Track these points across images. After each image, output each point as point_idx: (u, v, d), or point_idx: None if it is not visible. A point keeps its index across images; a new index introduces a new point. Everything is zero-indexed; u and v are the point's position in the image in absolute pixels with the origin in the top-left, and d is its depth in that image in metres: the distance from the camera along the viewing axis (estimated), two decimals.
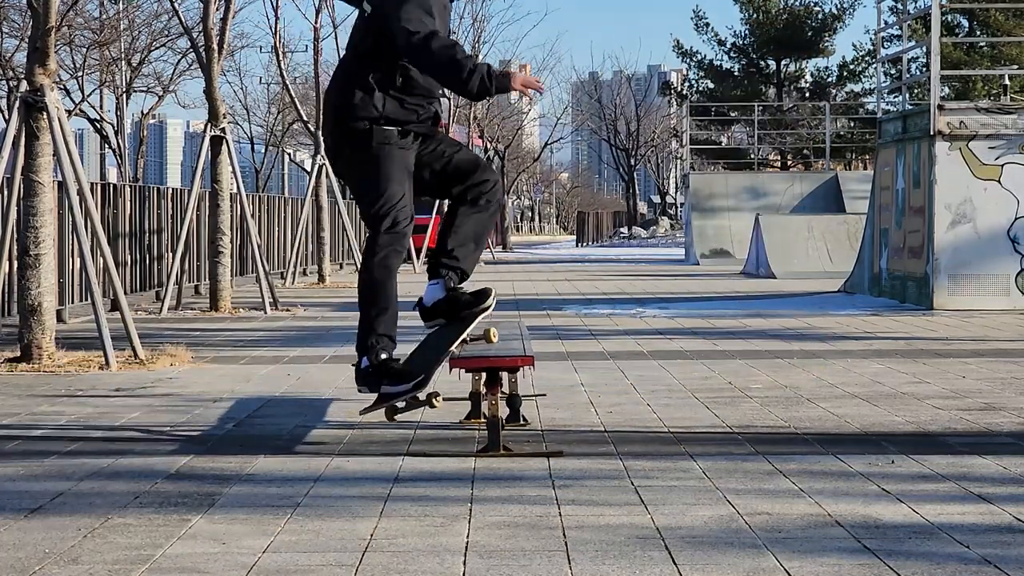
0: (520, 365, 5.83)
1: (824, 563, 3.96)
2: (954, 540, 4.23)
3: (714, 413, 6.97)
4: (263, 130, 62.60)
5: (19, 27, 32.98)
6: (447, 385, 8.05)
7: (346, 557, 4.05)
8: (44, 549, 4.16)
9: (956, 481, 5.17)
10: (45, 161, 9.24)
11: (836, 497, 4.88)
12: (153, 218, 16.61)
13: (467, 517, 4.57)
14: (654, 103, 76.09)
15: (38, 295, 9.20)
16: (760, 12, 54.02)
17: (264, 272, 14.96)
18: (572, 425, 6.61)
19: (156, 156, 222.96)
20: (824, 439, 6.16)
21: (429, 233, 30.24)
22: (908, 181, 15.28)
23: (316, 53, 22.21)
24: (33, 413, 7.12)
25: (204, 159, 14.74)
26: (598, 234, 63.36)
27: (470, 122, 37.45)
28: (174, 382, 8.45)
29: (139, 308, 14.59)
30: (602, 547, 4.15)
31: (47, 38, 9.13)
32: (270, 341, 11.33)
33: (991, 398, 7.51)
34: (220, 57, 14.73)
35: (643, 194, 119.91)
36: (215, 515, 4.62)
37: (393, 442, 6.12)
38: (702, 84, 56.25)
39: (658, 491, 4.99)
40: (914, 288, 14.90)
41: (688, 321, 13.12)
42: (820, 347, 10.47)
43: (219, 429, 6.59)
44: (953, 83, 44.11)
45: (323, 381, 8.45)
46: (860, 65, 53.84)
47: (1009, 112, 14.43)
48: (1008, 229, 14.26)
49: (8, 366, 9.05)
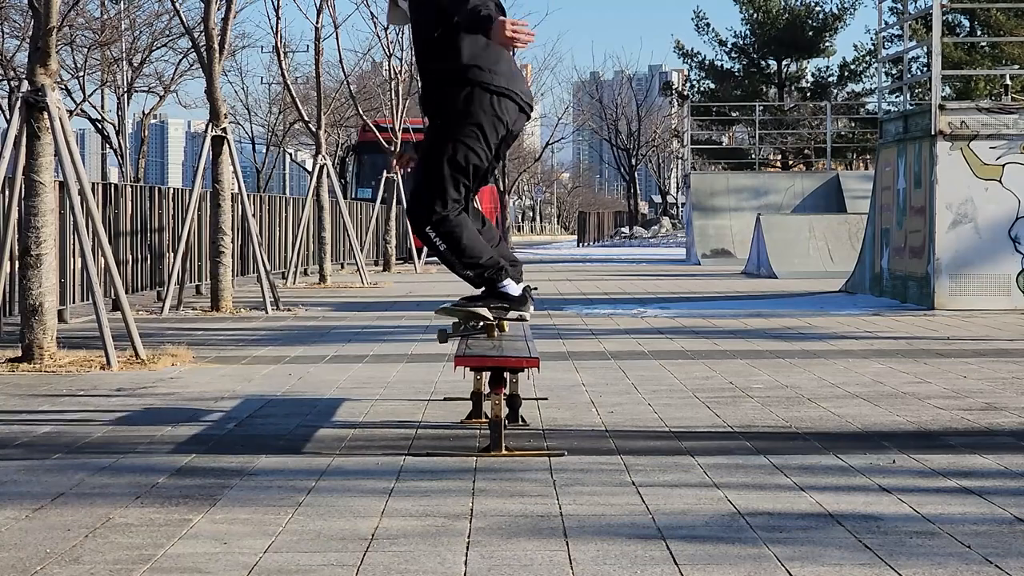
0: (525, 366, 5.82)
1: (825, 562, 3.96)
2: (955, 539, 4.23)
3: (715, 413, 6.97)
4: (264, 130, 62.64)
5: (20, 27, 33.00)
6: (448, 385, 8.06)
7: (347, 557, 4.05)
8: (45, 549, 4.16)
9: (957, 480, 5.17)
10: (46, 161, 9.24)
11: (837, 496, 4.88)
12: (154, 218, 16.61)
13: (468, 517, 4.58)
14: (655, 103, 76.10)
15: (39, 295, 9.20)
16: (761, 12, 54.03)
17: (265, 272, 14.96)
18: (573, 425, 6.61)
19: (157, 156, 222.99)
20: (825, 438, 6.16)
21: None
22: (909, 181, 15.28)
23: (317, 53, 22.20)
24: (34, 413, 7.12)
25: (205, 159, 14.75)
26: (599, 234, 63.35)
27: None
28: (175, 382, 8.45)
29: (140, 308, 14.59)
30: (603, 547, 4.15)
31: (48, 38, 9.14)
32: (271, 341, 11.33)
33: (992, 398, 7.51)
34: (221, 57, 14.73)
35: (644, 194, 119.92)
36: (216, 515, 4.62)
37: (395, 441, 6.12)
38: (703, 84, 56.27)
39: (659, 491, 4.99)
40: (915, 288, 14.90)
41: (689, 321, 13.12)
42: (821, 347, 10.47)
43: (220, 429, 6.59)
44: (954, 83, 44.12)
45: (324, 381, 8.45)
46: (861, 65, 53.86)
47: (1010, 112, 14.43)
48: (1009, 229, 14.26)
49: (9, 366, 9.06)
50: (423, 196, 6.06)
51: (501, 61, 6.01)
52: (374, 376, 8.66)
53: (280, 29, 20.86)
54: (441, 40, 5.99)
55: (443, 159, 6.00)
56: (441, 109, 6.04)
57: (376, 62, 50.69)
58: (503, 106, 6.00)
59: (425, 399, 7.53)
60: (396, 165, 6.78)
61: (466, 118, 5.97)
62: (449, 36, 5.97)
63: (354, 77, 42.34)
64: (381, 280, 22.15)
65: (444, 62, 6.00)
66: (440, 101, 6.04)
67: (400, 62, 28.96)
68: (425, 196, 6.05)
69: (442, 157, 6.01)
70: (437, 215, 6.03)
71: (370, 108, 44.45)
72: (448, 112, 6.01)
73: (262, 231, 21.00)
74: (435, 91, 6.07)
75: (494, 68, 5.98)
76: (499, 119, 6.01)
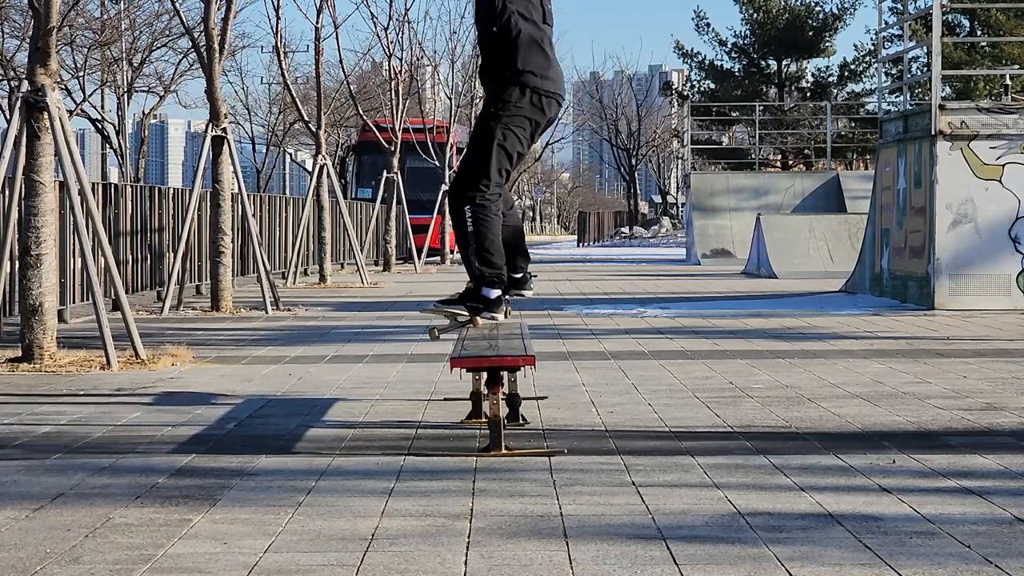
0: (521, 365, 5.83)
1: (825, 562, 3.96)
2: (955, 539, 4.23)
3: (715, 413, 6.98)
4: (264, 130, 62.65)
5: (20, 27, 33.00)
6: (448, 385, 8.06)
7: (347, 557, 4.05)
8: (45, 549, 4.16)
9: (957, 480, 5.17)
10: (46, 161, 9.24)
11: (837, 496, 4.88)
12: (154, 218, 16.61)
13: (468, 517, 4.58)
14: (655, 103, 76.12)
15: (39, 295, 9.20)
16: (761, 12, 54.04)
17: (265, 272, 14.96)
18: (573, 425, 6.61)
19: (157, 156, 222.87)
20: (825, 438, 6.16)
21: (430, 233, 30.30)
22: (909, 181, 15.28)
23: (317, 53, 22.20)
24: (34, 413, 7.12)
25: (205, 159, 14.75)
26: (599, 234, 63.35)
27: (471, 122, 37.47)
28: (175, 382, 8.45)
29: (140, 308, 14.59)
30: (603, 547, 4.16)
31: (48, 38, 9.14)
32: (271, 341, 11.33)
33: (992, 398, 7.51)
34: (221, 57, 14.73)
35: (644, 194, 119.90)
36: (216, 515, 4.62)
37: (394, 441, 6.12)
38: (703, 84, 56.28)
39: (659, 491, 4.99)
40: (915, 288, 14.90)
41: (689, 321, 13.13)
42: (821, 347, 10.47)
43: (220, 429, 6.59)
44: (954, 83, 44.13)
45: (324, 381, 8.45)
46: (861, 65, 53.87)
47: (1010, 112, 14.43)
48: (1009, 229, 14.26)
49: (9, 366, 9.06)
50: (470, 173, 6.80)
51: (551, 67, 6.86)
52: (374, 376, 8.66)
53: (280, 29, 20.86)
54: (500, 37, 6.77)
55: (493, 143, 6.76)
56: (497, 98, 6.81)
57: (376, 62, 50.76)
58: (548, 104, 6.86)
59: (425, 399, 7.53)
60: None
61: (517, 111, 6.80)
62: (506, 35, 6.77)
63: (354, 77, 42.37)
64: (381, 280, 22.16)
65: (502, 60, 6.78)
66: (497, 92, 6.81)
67: (400, 62, 28.96)
68: (472, 173, 6.78)
69: (492, 142, 6.77)
70: (480, 195, 6.72)
71: (370, 108, 44.47)
72: (502, 102, 6.79)
73: (262, 231, 21.01)
74: (493, 79, 6.81)
75: (545, 74, 6.83)
76: (543, 113, 6.85)
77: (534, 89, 6.78)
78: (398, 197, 27.21)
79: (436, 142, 31.22)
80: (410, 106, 32.02)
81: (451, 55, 34.39)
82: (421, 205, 31.98)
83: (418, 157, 31.31)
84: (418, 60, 32.27)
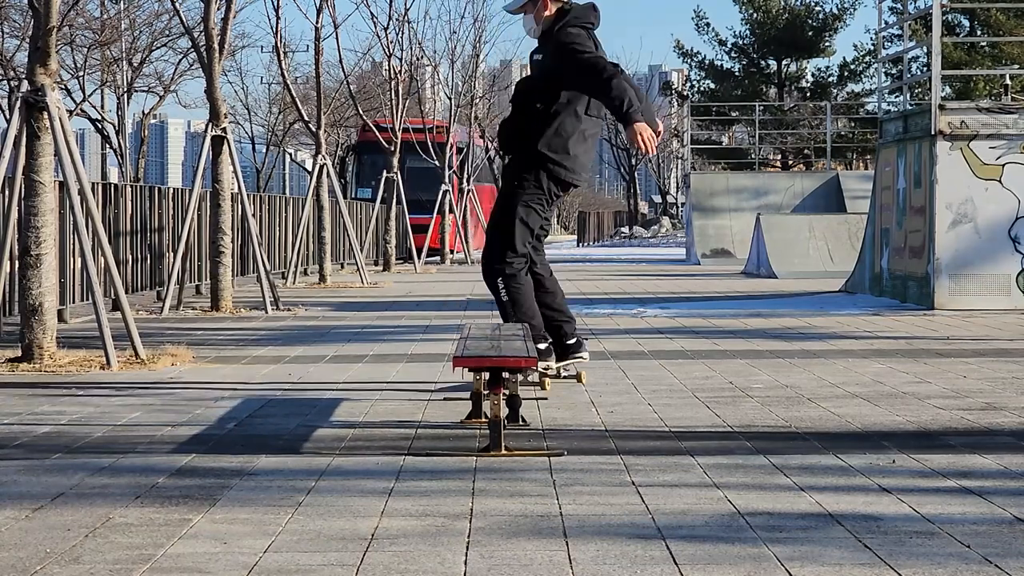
0: (524, 366, 5.84)
1: (825, 562, 3.96)
2: (955, 539, 4.23)
3: (715, 413, 6.98)
4: (264, 130, 62.67)
5: (20, 27, 33.01)
6: (448, 386, 8.06)
7: (347, 557, 4.05)
8: (45, 548, 4.16)
9: (957, 480, 5.17)
10: (46, 161, 9.24)
11: (837, 496, 4.88)
12: (154, 218, 16.61)
13: (468, 517, 4.58)
14: (655, 103, 76.09)
15: (39, 295, 9.20)
16: (761, 12, 54.06)
17: (265, 272, 14.96)
18: (573, 425, 6.61)
19: (157, 156, 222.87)
20: (825, 438, 6.16)
21: (430, 233, 30.30)
22: (909, 181, 15.28)
23: (317, 53, 22.19)
24: (34, 413, 7.12)
25: (205, 159, 14.75)
26: (599, 234, 63.34)
27: (471, 122, 37.43)
28: (175, 382, 8.45)
29: (140, 308, 14.59)
30: (603, 547, 4.16)
31: (48, 38, 9.14)
32: (271, 341, 11.33)
33: (992, 398, 7.51)
34: (221, 57, 14.73)
35: (644, 194, 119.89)
36: (216, 514, 4.62)
37: (394, 441, 6.12)
38: (703, 84, 56.32)
39: (659, 491, 4.99)
40: (915, 288, 14.90)
41: (689, 321, 13.13)
42: (821, 347, 10.47)
43: (220, 429, 6.59)
44: (954, 83, 44.14)
45: (324, 381, 8.46)
46: (861, 65, 53.91)
47: (1010, 112, 14.43)
48: (1009, 229, 14.26)
49: (9, 366, 9.06)
50: (496, 248, 7.50)
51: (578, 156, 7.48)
52: (374, 376, 8.66)
53: (280, 29, 20.86)
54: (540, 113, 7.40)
55: (515, 219, 7.49)
56: (520, 174, 7.50)
57: (376, 62, 50.73)
58: (569, 188, 7.65)
59: (425, 399, 7.53)
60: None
61: (538, 191, 7.51)
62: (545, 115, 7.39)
63: (354, 77, 42.35)
64: (381, 280, 22.15)
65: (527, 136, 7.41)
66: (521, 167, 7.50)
67: (400, 62, 28.95)
68: (499, 248, 7.49)
69: (514, 218, 7.49)
70: (509, 267, 7.44)
71: (370, 108, 44.46)
72: (522, 179, 7.49)
73: (262, 231, 21.01)
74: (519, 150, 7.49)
75: (564, 161, 7.45)
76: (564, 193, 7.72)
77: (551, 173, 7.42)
78: (398, 197, 27.20)
79: (436, 142, 31.22)
80: (410, 106, 32.01)
81: (451, 55, 34.41)
82: (421, 205, 31.97)
83: (418, 157, 31.32)
84: (418, 60, 32.26)
